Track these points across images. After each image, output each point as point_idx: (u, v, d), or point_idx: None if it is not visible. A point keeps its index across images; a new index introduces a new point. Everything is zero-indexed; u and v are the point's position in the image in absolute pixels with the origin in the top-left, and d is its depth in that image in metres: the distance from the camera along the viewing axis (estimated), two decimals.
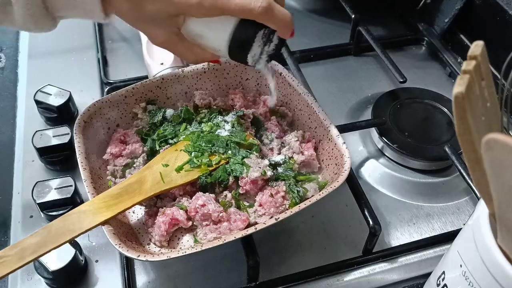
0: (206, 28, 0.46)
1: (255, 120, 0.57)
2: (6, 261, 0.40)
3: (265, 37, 0.46)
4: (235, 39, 0.46)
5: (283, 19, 0.44)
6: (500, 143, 0.26)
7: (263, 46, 0.47)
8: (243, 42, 0.46)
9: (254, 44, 0.46)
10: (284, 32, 0.46)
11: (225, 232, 0.47)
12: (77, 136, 0.51)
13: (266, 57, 0.48)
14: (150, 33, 0.47)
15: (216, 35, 0.46)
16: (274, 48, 0.48)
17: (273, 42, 0.47)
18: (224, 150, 0.51)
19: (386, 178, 0.61)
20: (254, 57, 0.47)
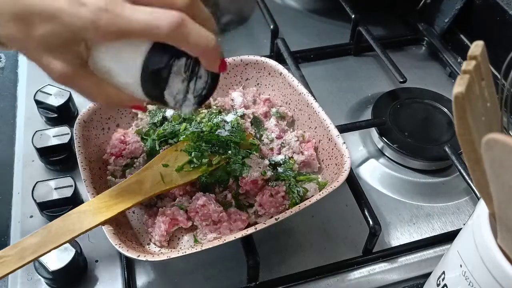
0: (114, 60, 0.37)
1: (255, 120, 0.57)
2: (6, 261, 0.40)
3: (187, 69, 0.36)
4: (146, 71, 0.36)
5: (202, 41, 0.35)
6: (500, 143, 0.26)
7: (187, 81, 0.37)
8: (156, 75, 0.36)
9: (172, 77, 0.36)
10: (206, 61, 0.37)
11: (225, 232, 0.47)
12: (77, 136, 0.51)
13: (195, 99, 0.38)
14: (46, 64, 0.37)
15: (126, 67, 0.37)
16: (204, 87, 0.38)
17: (202, 79, 0.38)
18: (224, 150, 0.51)
19: (386, 178, 0.61)
20: (177, 97, 0.37)
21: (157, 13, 0.34)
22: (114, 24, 0.33)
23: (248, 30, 0.82)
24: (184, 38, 0.34)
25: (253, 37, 0.81)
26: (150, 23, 0.33)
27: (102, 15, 0.33)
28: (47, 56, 0.36)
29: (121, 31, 0.34)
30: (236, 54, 0.60)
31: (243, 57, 0.60)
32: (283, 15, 0.83)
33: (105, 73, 0.38)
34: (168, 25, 0.33)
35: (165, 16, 0.33)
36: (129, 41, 0.35)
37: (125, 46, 0.36)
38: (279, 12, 0.82)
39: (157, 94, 0.37)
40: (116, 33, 0.34)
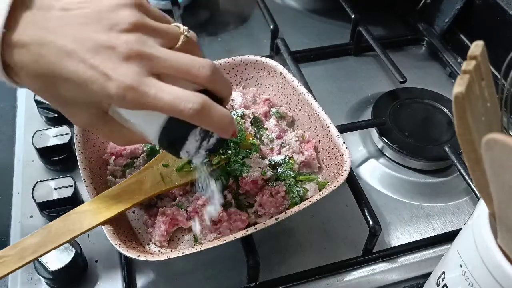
0: (134, 117, 0.39)
1: (255, 120, 0.57)
2: (6, 261, 0.40)
3: (202, 133, 0.39)
4: (165, 135, 0.38)
5: (221, 123, 0.37)
6: (500, 143, 0.26)
7: (200, 141, 0.40)
8: (175, 139, 0.39)
9: (188, 141, 0.39)
10: (222, 134, 0.39)
11: (225, 232, 0.47)
12: (77, 136, 0.51)
13: (204, 152, 0.41)
14: (70, 115, 0.39)
15: (146, 125, 0.39)
16: (214, 143, 0.41)
17: (213, 137, 0.40)
18: (224, 150, 0.51)
19: (386, 178, 0.61)
20: (190, 152, 0.40)
21: (182, 96, 0.35)
22: (139, 101, 0.34)
23: (248, 30, 0.82)
24: (205, 120, 0.36)
25: (253, 37, 0.81)
26: (174, 106, 0.35)
27: (128, 93, 0.34)
28: (71, 108, 0.38)
29: (145, 107, 0.35)
30: (236, 54, 0.60)
31: (243, 57, 0.60)
32: (283, 15, 0.83)
33: (124, 123, 0.40)
34: (191, 110, 0.35)
35: (189, 100, 0.35)
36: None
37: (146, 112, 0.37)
38: (279, 12, 0.82)
39: (172, 152, 0.40)
40: (140, 108, 0.35)
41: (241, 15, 0.86)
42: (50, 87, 0.36)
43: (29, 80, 0.36)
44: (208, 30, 0.82)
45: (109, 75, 0.34)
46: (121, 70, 0.34)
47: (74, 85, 0.35)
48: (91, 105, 0.38)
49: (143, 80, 0.34)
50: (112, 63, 0.34)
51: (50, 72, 0.34)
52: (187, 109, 0.35)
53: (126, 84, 0.34)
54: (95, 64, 0.34)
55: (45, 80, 0.35)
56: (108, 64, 0.34)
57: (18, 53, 0.34)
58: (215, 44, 0.79)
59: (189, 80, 0.37)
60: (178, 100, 0.35)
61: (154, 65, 0.35)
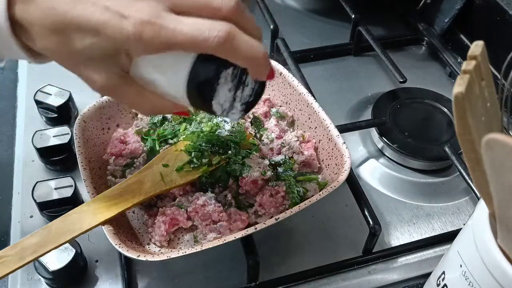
0: (158, 71, 0.36)
1: (255, 120, 0.57)
2: (6, 261, 0.40)
3: (234, 79, 0.35)
4: (193, 82, 0.35)
5: (251, 53, 0.33)
6: (500, 143, 0.26)
7: (234, 90, 0.36)
8: (204, 86, 0.35)
9: (219, 87, 0.35)
10: (255, 70, 0.35)
11: (225, 232, 0.47)
12: (77, 136, 0.51)
13: (241, 106, 0.37)
14: (87, 76, 0.36)
15: (171, 78, 0.36)
16: (250, 94, 0.37)
17: (248, 86, 0.36)
18: (224, 150, 0.51)
19: (386, 178, 0.61)
20: (224, 105, 0.36)
21: (204, 25, 0.32)
22: (158, 37, 0.32)
23: None
24: (233, 51, 0.33)
25: None
26: (197, 37, 0.32)
27: (145, 28, 0.31)
28: (88, 68, 0.35)
29: (165, 44, 0.32)
30: None
31: None
32: (283, 15, 0.83)
33: (147, 83, 0.37)
34: (216, 38, 0.31)
35: (212, 29, 0.32)
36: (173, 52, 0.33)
37: (169, 57, 0.34)
38: (279, 12, 0.82)
39: (204, 104, 0.36)
40: (160, 46, 0.32)
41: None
42: (64, 41, 0.34)
43: (42, 37, 0.34)
44: None
45: (123, 14, 0.32)
46: (136, 7, 0.32)
47: (87, 32, 0.33)
48: (109, 60, 0.35)
49: (160, 14, 0.32)
50: (126, 2, 0.32)
51: (63, 22, 0.33)
52: (211, 37, 0.31)
53: (143, 19, 0.31)
54: (108, 4, 0.32)
55: (58, 33, 0.33)
56: (121, 3, 0.32)
57: (28, 9, 0.33)
58: None
59: (211, 15, 0.33)
60: (201, 30, 0.31)
61: (172, 1, 0.33)
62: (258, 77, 0.36)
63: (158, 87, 0.37)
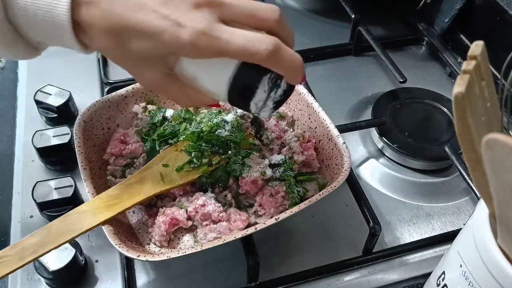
0: (202, 70, 0.39)
1: (255, 120, 0.57)
2: (6, 261, 0.40)
3: (271, 82, 0.39)
4: (235, 84, 0.38)
5: (292, 65, 0.37)
6: (500, 143, 0.26)
7: (269, 92, 0.39)
8: (245, 89, 0.39)
9: (257, 90, 0.39)
10: (293, 78, 0.39)
11: (225, 232, 0.47)
12: (77, 136, 0.51)
13: (272, 104, 0.41)
14: (138, 74, 0.40)
15: (214, 78, 0.39)
16: (281, 94, 0.41)
17: (281, 88, 0.40)
18: (224, 150, 0.51)
19: (386, 178, 0.61)
20: (258, 104, 0.40)
21: (254, 39, 0.35)
22: (212, 47, 0.35)
23: None
24: (278, 62, 0.36)
25: None
26: (248, 49, 0.35)
27: (201, 38, 0.34)
28: (140, 67, 0.39)
29: (218, 53, 0.35)
30: None
31: None
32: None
33: (190, 80, 0.40)
34: (266, 52, 0.35)
35: (262, 42, 0.35)
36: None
37: (215, 60, 0.37)
38: None
39: (242, 104, 0.40)
40: (212, 54, 0.35)
41: None
42: (120, 42, 0.36)
43: (99, 37, 0.36)
44: None
45: (180, 23, 0.34)
46: (192, 17, 0.34)
47: (145, 37, 0.35)
48: (159, 61, 0.38)
49: (214, 26, 0.35)
50: (182, 11, 0.35)
51: (121, 25, 0.35)
52: (261, 50, 0.35)
53: (199, 30, 0.34)
54: (166, 13, 0.34)
55: (116, 35, 0.36)
56: (178, 12, 0.34)
57: (88, 10, 0.35)
58: None
59: (257, 24, 0.37)
60: (252, 42, 0.35)
61: (223, 11, 0.36)
62: (292, 82, 0.40)
63: (200, 84, 0.40)
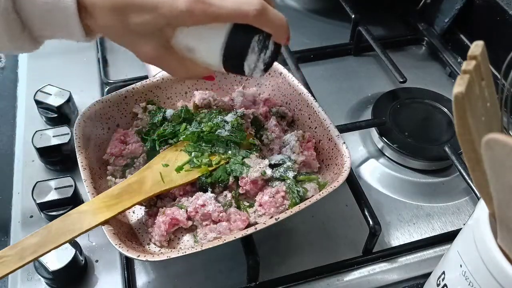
0: (197, 39, 0.43)
1: (255, 120, 0.57)
2: (6, 261, 0.40)
3: (260, 43, 0.43)
4: (229, 46, 0.43)
5: (279, 22, 0.42)
6: (500, 143, 0.26)
7: (259, 53, 0.44)
8: (238, 49, 0.43)
9: (249, 51, 0.43)
10: (280, 35, 0.44)
11: (225, 232, 0.47)
12: (77, 136, 0.51)
13: (263, 65, 0.45)
14: (138, 49, 0.43)
15: (209, 45, 0.43)
16: (270, 55, 0.45)
17: (269, 49, 0.45)
18: (224, 150, 0.51)
19: (386, 178, 0.61)
20: (250, 66, 0.44)
21: (243, 1, 0.40)
22: (206, 12, 0.39)
23: None
24: (267, 21, 0.41)
25: None
26: (239, 11, 0.40)
27: (197, 5, 0.39)
28: (139, 41, 0.42)
29: (212, 18, 0.40)
30: None
31: None
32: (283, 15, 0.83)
33: (186, 51, 0.44)
34: (254, 11, 0.40)
35: (250, 3, 0.40)
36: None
37: (207, 27, 0.41)
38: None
39: (236, 66, 0.44)
40: (207, 20, 0.40)
41: None
42: (122, 19, 0.40)
43: (102, 16, 0.40)
44: None
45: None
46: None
47: (145, 10, 0.39)
48: (157, 34, 0.42)
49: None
50: None
51: (123, 3, 0.39)
52: (251, 10, 0.40)
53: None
54: None
55: (118, 13, 0.39)
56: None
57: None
58: None
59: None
60: (241, 4, 0.40)
61: None
62: (280, 41, 0.45)
63: (197, 53, 0.44)
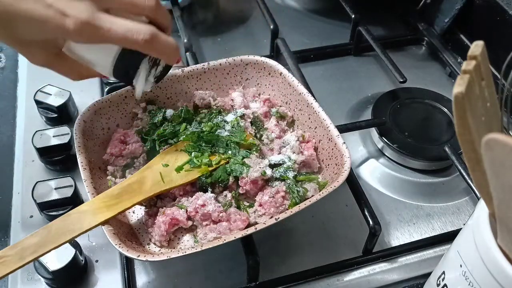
0: (88, 52, 0.44)
1: (255, 120, 0.57)
2: (6, 261, 0.40)
3: (151, 62, 0.45)
4: (119, 65, 0.44)
5: (167, 49, 0.42)
6: (500, 143, 0.26)
7: (149, 69, 0.46)
8: (127, 69, 0.45)
9: (138, 70, 0.45)
10: (168, 60, 0.45)
11: (225, 232, 0.47)
12: (77, 136, 0.51)
13: (153, 79, 0.47)
14: (27, 54, 0.43)
15: (100, 59, 0.44)
16: (161, 71, 0.47)
17: (160, 65, 0.47)
18: (224, 150, 0.51)
19: (386, 178, 0.61)
20: (141, 81, 0.46)
21: (133, 28, 0.39)
22: (95, 35, 0.39)
23: (248, 30, 0.83)
24: (155, 49, 0.41)
25: (253, 37, 0.81)
26: (128, 38, 0.39)
27: (85, 27, 0.38)
28: (29, 49, 0.42)
29: (101, 40, 0.39)
30: (236, 54, 0.60)
31: (243, 57, 0.60)
32: (283, 15, 0.83)
33: (78, 59, 0.44)
34: (143, 40, 0.39)
35: (139, 31, 0.39)
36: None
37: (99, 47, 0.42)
38: (279, 12, 0.82)
39: (126, 81, 0.46)
40: (96, 41, 0.39)
41: (241, 15, 0.86)
42: (8, 28, 0.39)
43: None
44: (208, 30, 0.82)
45: (64, 12, 0.37)
46: (75, 6, 0.38)
47: (32, 24, 0.38)
48: (47, 43, 0.42)
49: (96, 15, 0.38)
50: (65, 1, 0.38)
51: (8, 13, 0.38)
52: (139, 39, 0.39)
53: (83, 19, 0.37)
54: (50, 2, 0.37)
55: (3, 22, 0.38)
56: (62, 2, 0.37)
57: None
58: (215, 44, 0.79)
59: (136, 12, 0.42)
60: (131, 32, 0.39)
61: (104, 1, 0.39)
62: (168, 63, 0.47)
63: (89, 64, 0.45)
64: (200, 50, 0.77)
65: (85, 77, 0.48)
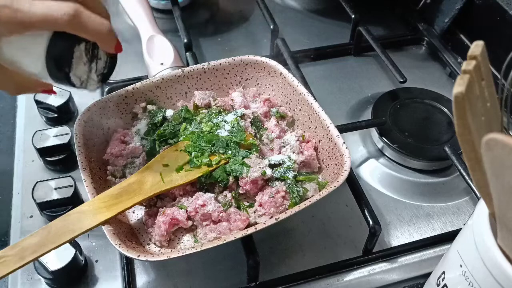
0: (18, 51, 0.39)
1: (255, 120, 0.57)
2: (6, 261, 0.40)
3: (88, 53, 0.40)
4: (50, 57, 0.39)
5: (98, 28, 0.38)
6: (500, 143, 0.26)
7: (89, 63, 0.41)
8: (59, 59, 0.39)
9: (74, 61, 0.40)
10: (104, 44, 0.41)
11: (225, 232, 0.47)
12: (77, 136, 0.51)
13: (97, 77, 0.43)
14: None
15: (31, 57, 0.40)
16: (104, 66, 0.43)
17: (102, 59, 0.42)
18: (224, 150, 0.51)
19: (386, 178, 0.61)
20: (82, 77, 0.41)
21: (54, 6, 0.36)
22: (15, 19, 0.35)
23: (248, 30, 0.83)
24: (81, 27, 0.38)
25: (253, 37, 0.81)
26: (49, 16, 0.36)
27: (2, 11, 0.35)
28: None
29: (22, 25, 0.36)
30: (236, 54, 0.60)
31: (243, 57, 0.60)
32: (283, 15, 0.83)
33: (11, 64, 0.40)
34: (65, 16, 0.36)
35: (61, 8, 0.36)
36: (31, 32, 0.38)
37: (28, 37, 0.38)
38: (279, 12, 0.82)
39: (63, 77, 0.41)
40: (17, 27, 0.36)
41: (241, 15, 0.86)
42: None
43: None
44: (208, 30, 0.82)
45: None
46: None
47: None
48: None
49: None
50: None
51: None
52: (60, 15, 0.36)
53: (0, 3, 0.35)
54: None
55: None
56: None
57: None
58: (215, 44, 0.79)
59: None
60: (51, 10, 0.36)
61: None
62: (106, 49, 0.42)
63: (21, 67, 0.40)
64: (200, 50, 0.77)
65: (24, 90, 0.43)
